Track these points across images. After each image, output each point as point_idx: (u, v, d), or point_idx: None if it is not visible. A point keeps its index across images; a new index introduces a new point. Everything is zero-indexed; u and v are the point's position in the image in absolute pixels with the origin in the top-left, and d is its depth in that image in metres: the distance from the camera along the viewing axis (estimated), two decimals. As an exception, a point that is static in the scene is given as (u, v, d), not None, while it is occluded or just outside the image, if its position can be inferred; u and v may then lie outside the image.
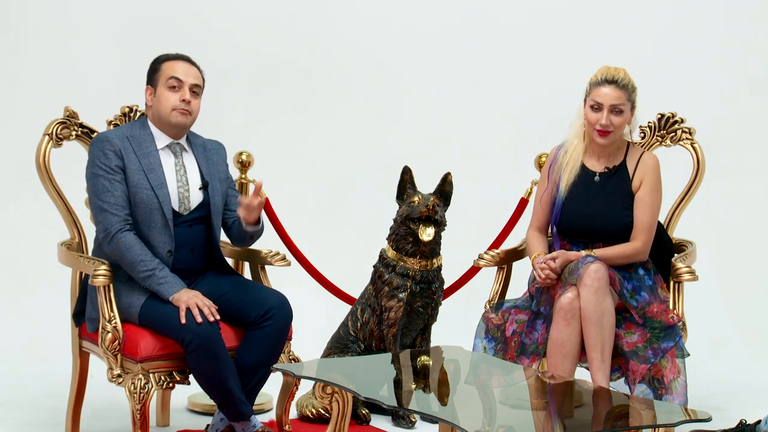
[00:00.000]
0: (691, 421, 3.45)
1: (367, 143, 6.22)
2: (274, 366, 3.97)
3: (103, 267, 4.06)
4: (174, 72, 4.20)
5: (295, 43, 6.25)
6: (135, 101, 4.56)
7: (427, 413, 3.51)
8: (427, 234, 4.63)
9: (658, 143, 4.70)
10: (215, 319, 4.03)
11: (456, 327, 5.38)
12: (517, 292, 4.59)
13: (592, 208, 4.37)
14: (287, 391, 4.41)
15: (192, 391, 4.75)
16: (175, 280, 4.11)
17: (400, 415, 4.71)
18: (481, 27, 6.26)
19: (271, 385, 4.42)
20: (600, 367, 4.13)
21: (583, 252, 4.29)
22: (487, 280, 4.73)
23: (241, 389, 4.10)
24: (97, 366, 4.44)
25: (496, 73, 6.24)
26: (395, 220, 4.74)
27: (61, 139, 4.38)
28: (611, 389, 3.93)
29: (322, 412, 4.66)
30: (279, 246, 4.83)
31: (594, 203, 4.37)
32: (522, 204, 5.05)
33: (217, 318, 4.04)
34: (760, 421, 4.40)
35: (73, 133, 4.40)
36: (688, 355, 4.24)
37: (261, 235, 4.36)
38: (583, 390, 3.79)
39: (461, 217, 5.41)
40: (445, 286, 4.86)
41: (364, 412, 4.71)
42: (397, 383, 3.88)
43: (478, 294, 4.92)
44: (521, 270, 4.65)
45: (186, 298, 4.04)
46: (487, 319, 4.42)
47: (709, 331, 5.70)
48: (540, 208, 4.50)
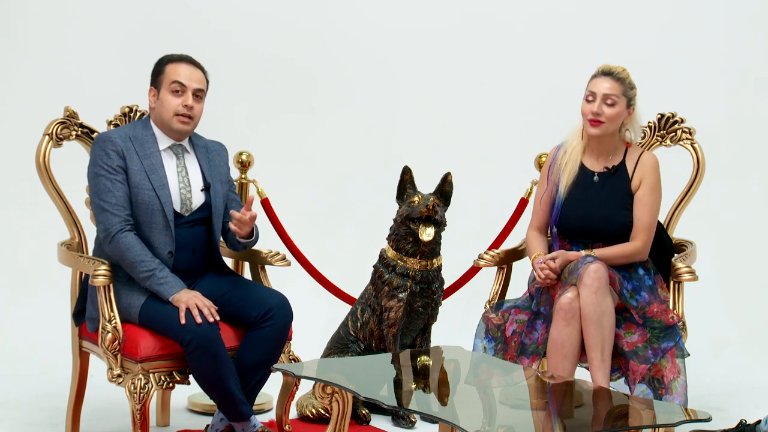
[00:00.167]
0: (691, 421, 3.45)
1: (367, 143, 6.21)
2: (274, 366, 3.97)
3: (103, 267, 4.06)
4: (177, 76, 4.18)
5: (296, 43, 6.24)
6: (135, 101, 4.55)
7: (427, 413, 3.51)
8: (427, 234, 4.63)
9: (658, 143, 4.69)
10: (215, 319, 4.03)
11: (456, 327, 5.38)
12: (517, 292, 4.59)
13: (591, 208, 4.36)
14: (287, 391, 4.40)
15: (192, 391, 4.75)
16: (175, 280, 4.10)
17: (400, 415, 4.71)
18: (481, 27, 6.26)
19: (271, 385, 4.42)
20: (600, 367, 4.13)
21: (583, 252, 4.29)
22: (487, 280, 4.72)
23: (241, 389, 4.10)
24: (97, 366, 4.44)
25: (496, 73, 6.24)
26: (395, 220, 4.74)
27: (61, 139, 4.38)
28: (611, 389, 3.93)
29: (322, 412, 4.66)
30: (279, 246, 4.82)
31: (593, 203, 4.37)
32: (522, 204, 5.05)
33: (217, 318, 4.04)
34: (760, 421, 4.40)
35: (73, 133, 4.40)
36: (688, 355, 4.24)
37: (255, 244, 4.35)
38: (583, 390, 3.79)
39: (461, 217, 5.41)
40: (445, 286, 4.85)
41: (364, 412, 4.71)
42: (397, 383, 3.88)
43: (478, 294, 4.92)
44: (521, 270, 4.65)
45: (186, 298, 4.04)
46: (487, 319, 4.42)
47: (709, 331, 5.70)
48: (540, 208, 4.50)
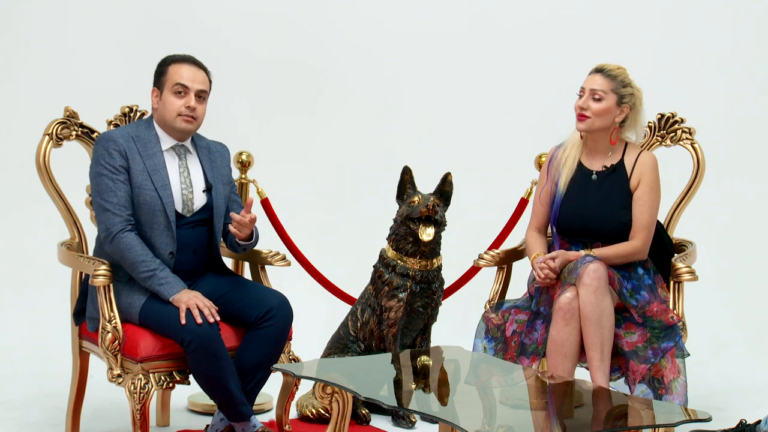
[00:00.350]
0: (691, 421, 3.45)
1: (367, 143, 6.21)
2: (274, 366, 3.97)
3: (103, 267, 4.06)
4: (180, 78, 4.18)
5: (296, 43, 6.24)
6: (135, 101, 4.55)
7: (427, 413, 3.51)
8: (427, 234, 4.63)
9: (658, 143, 4.69)
10: (215, 319, 4.03)
11: (456, 327, 5.38)
12: (517, 292, 4.59)
13: (589, 207, 4.36)
14: (287, 391, 4.40)
15: (192, 391, 4.75)
16: (175, 280, 4.10)
17: (400, 415, 4.71)
18: (481, 28, 6.26)
19: (271, 385, 4.42)
20: (599, 367, 4.13)
21: (583, 252, 4.29)
22: (487, 280, 4.72)
23: (241, 389, 4.10)
24: (97, 366, 4.44)
25: (496, 73, 6.23)
26: (395, 220, 4.74)
27: (61, 139, 4.38)
28: (611, 389, 3.93)
29: (322, 412, 4.66)
30: (279, 246, 4.82)
31: (592, 202, 4.37)
32: (522, 204, 5.05)
33: (217, 319, 4.04)
34: (760, 421, 4.40)
35: (73, 133, 4.40)
36: (688, 355, 4.24)
37: (255, 246, 4.35)
38: (582, 390, 3.79)
39: (461, 217, 5.41)
40: (445, 286, 4.86)
41: (364, 412, 4.71)
42: (397, 383, 3.87)
43: (478, 294, 4.92)
44: (521, 270, 4.65)
45: (186, 298, 4.04)
46: (487, 319, 4.42)
47: (709, 331, 5.70)
48: (539, 206, 4.50)
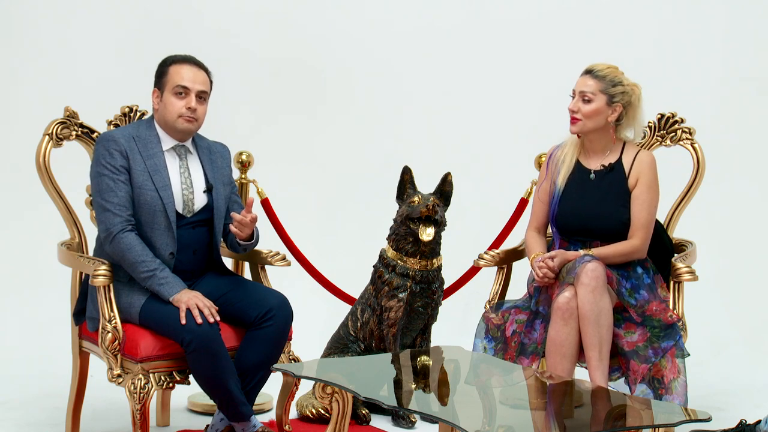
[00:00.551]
0: (691, 421, 3.45)
1: (366, 143, 6.21)
2: (274, 366, 3.97)
3: (103, 267, 4.06)
4: (181, 79, 4.18)
5: (296, 43, 6.24)
6: (135, 101, 4.55)
7: (427, 413, 3.51)
8: (427, 234, 4.63)
9: (658, 143, 4.69)
10: (215, 319, 4.03)
11: (456, 327, 5.38)
12: (517, 292, 4.58)
13: (588, 206, 4.36)
14: (287, 391, 4.40)
15: (192, 391, 4.75)
16: (175, 280, 4.10)
17: (400, 415, 4.71)
18: (482, 29, 6.26)
19: (271, 385, 4.42)
20: (598, 366, 4.13)
21: (581, 251, 4.29)
22: (487, 280, 4.72)
23: (241, 389, 4.09)
24: (97, 366, 4.44)
25: (496, 73, 6.23)
26: (395, 220, 4.74)
27: (61, 139, 4.38)
28: (610, 389, 3.93)
29: (322, 412, 4.66)
30: (279, 246, 4.82)
31: (590, 201, 4.36)
32: (522, 204, 5.05)
33: (217, 319, 4.04)
34: (760, 421, 4.40)
35: (73, 133, 4.40)
36: (688, 355, 4.24)
37: (255, 246, 4.35)
38: (582, 390, 3.79)
39: (461, 217, 5.41)
40: (445, 286, 4.86)
41: (364, 412, 4.71)
42: (397, 383, 3.87)
43: (478, 294, 4.92)
44: (521, 270, 4.65)
45: (186, 298, 4.04)
46: (487, 319, 4.42)
47: (709, 331, 5.70)
48: (539, 206, 4.50)
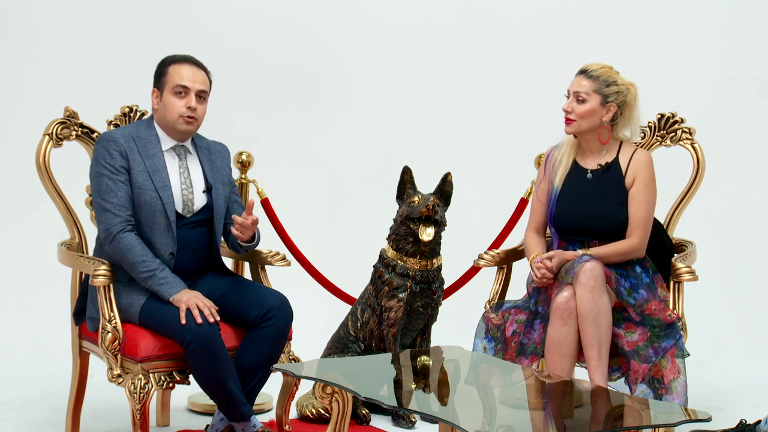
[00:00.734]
0: (691, 421, 3.45)
1: (366, 143, 6.21)
2: (274, 366, 3.97)
3: (103, 267, 4.06)
4: (180, 79, 4.18)
5: (296, 43, 6.24)
6: (135, 101, 4.55)
7: (427, 413, 3.51)
8: (427, 234, 4.63)
9: (658, 143, 4.69)
10: (215, 319, 4.03)
11: (456, 327, 5.38)
12: (517, 292, 4.58)
13: (586, 206, 4.36)
14: (287, 391, 4.40)
15: (192, 391, 4.75)
16: (175, 280, 4.10)
17: (400, 415, 4.71)
18: (482, 29, 6.26)
19: (271, 385, 4.42)
20: (597, 366, 4.13)
21: (580, 251, 4.29)
22: (487, 280, 4.72)
23: (241, 389, 4.10)
24: (97, 366, 4.44)
25: (497, 73, 6.23)
26: (395, 220, 4.74)
27: (61, 139, 4.38)
28: (609, 388, 3.93)
29: (322, 412, 4.66)
30: (279, 246, 4.82)
31: (588, 200, 4.36)
32: (522, 204, 5.05)
33: (217, 319, 4.04)
34: (760, 421, 4.40)
35: (73, 133, 4.40)
36: (688, 355, 4.24)
37: (257, 246, 4.35)
38: (581, 390, 3.79)
39: (461, 217, 5.41)
40: (445, 286, 4.86)
41: (364, 412, 4.71)
42: (397, 383, 3.87)
43: (478, 294, 4.92)
44: (521, 270, 4.65)
45: (186, 298, 4.04)
46: (487, 319, 4.42)
47: (709, 331, 5.70)
48: (537, 206, 4.50)
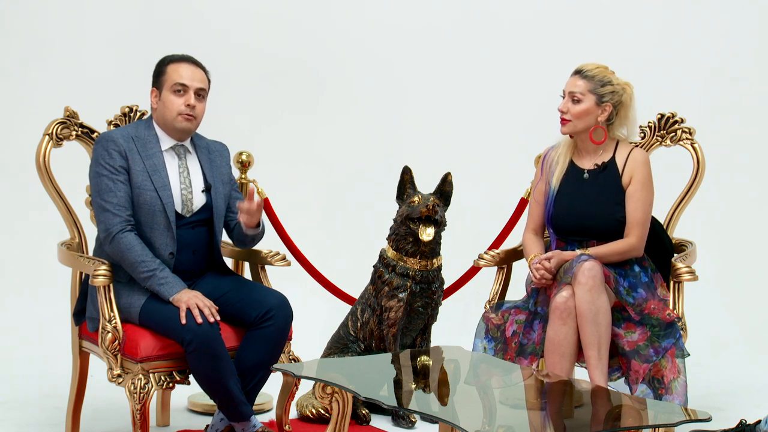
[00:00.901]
0: (691, 421, 3.45)
1: (367, 143, 6.21)
2: (274, 366, 3.97)
3: (103, 267, 4.06)
4: (179, 77, 4.18)
5: (296, 43, 6.24)
6: (135, 101, 4.55)
7: (427, 413, 3.51)
8: (427, 234, 4.63)
9: (658, 143, 4.69)
10: (215, 319, 4.03)
11: (456, 327, 5.38)
12: (517, 292, 4.58)
13: (583, 206, 4.36)
14: (287, 391, 4.40)
15: (192, 391, 4.75)
16: (175, 280, 4.10)
17: (400, 415, 4.71)
18: (482, 28, 6.26)
19: (271, 385, 4.42)
20: (597, 365, 4.13)
21: (578, 251, 4.29)
22: (487, 280, 4.72)
23: (241, 389, 4.10)
24: (97, 366, 4.44)
25: (497, 73, 6.23)
26: (395, 220, 4.74)
27: (61, 139, 4.38)
28: (609, 388, 3.93)
29: (322, 412, 4.66)
30: (279, 246, 4.82)
31: (585, 200, 4.37)
32: (522, 204, 5.04)
33: (218, 318, 4.04)
34: (760, 421, 4.40)
35: (73, 133, 4.40)
36: (688, 355, 4.24)
37: (262, 238, 4.36)
38: (581, 389, 3.79)
39: (461, 217, 5.41)
40: (445, 286, 4.86)
41: (364, 412, 4.71)
42: (397, 383, 3.87)
43: (478, 294, 4.92)
44: (521, 270, 4.65)
45: (186, 298, 4.04)
46: (487, 319, 4.42)
47: (709, 331, 5.70)
48: (535, 206, 4.50)
